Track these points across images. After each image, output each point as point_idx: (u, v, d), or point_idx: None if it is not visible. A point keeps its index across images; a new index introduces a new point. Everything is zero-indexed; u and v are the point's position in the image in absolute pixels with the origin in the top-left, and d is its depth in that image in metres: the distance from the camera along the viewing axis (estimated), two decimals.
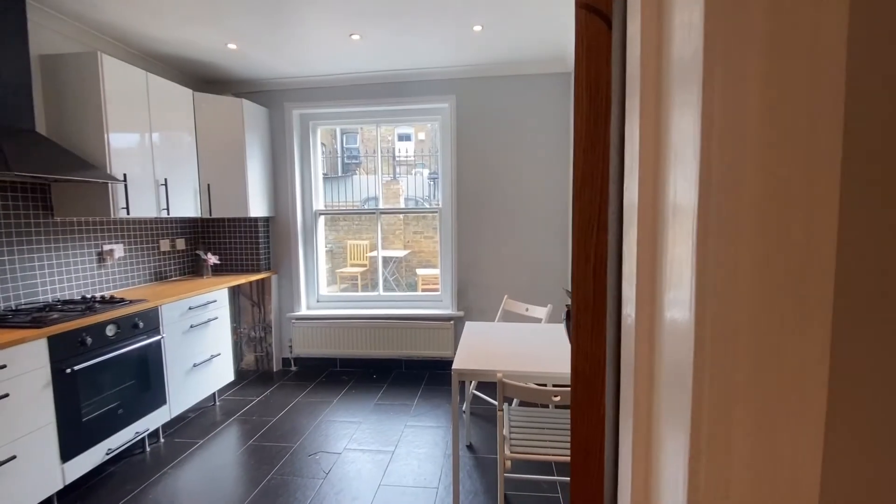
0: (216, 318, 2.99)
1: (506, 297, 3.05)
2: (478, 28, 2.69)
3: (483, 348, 2.00)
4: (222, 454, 2.44)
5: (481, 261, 3.58)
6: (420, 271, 6.56)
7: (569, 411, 1.94)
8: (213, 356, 2.95)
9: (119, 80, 2.46)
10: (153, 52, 3.00)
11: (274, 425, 2.77)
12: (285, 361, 3.86)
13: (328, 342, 3.71)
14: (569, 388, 1.61)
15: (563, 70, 3.33)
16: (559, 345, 2.04)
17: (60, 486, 1.90)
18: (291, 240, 3.77)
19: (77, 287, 2.59)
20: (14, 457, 1.69)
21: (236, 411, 2.99)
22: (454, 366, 1.75)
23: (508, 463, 1.61)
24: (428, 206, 7.28)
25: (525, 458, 1.65)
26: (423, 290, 6.19)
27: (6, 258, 2.21)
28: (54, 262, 2.46)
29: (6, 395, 1.66)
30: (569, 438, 1.77)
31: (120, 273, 2.89)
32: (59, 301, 2.39)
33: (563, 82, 3.36)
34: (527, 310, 2.92)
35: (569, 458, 1.66)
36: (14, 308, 2.20)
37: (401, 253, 7.15)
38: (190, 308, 2.74)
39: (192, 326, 2.75)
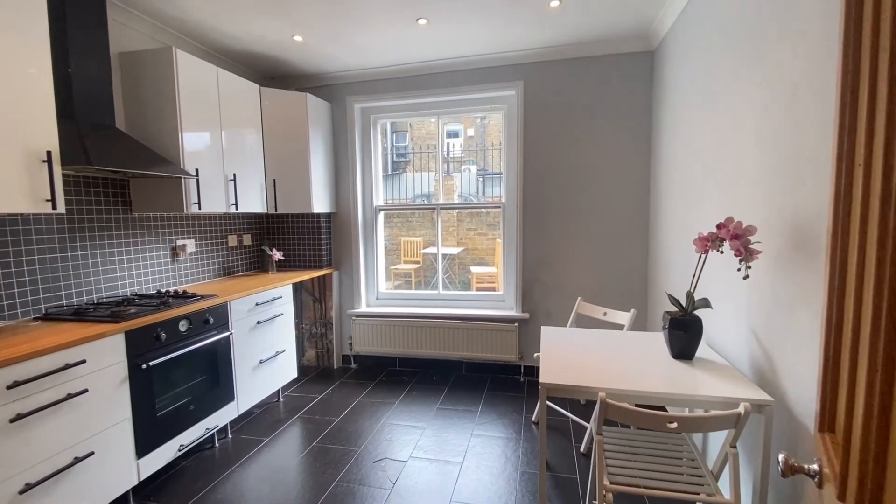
0: (281, 315, 2.97)
1: (579, 299, 2.79)
2: (555, 3, 2.45)
3: (570, 358, 1.78)
4: (287, 455, 2.39)
5: (549, 260, 3.33)
6: (474, 269, 6.37)
7: (672, 436, 1.67)
8: (277, 353, 2.93)
9: (192, 75, 2.46)
10: (223, 48, 3.01)
11: (337, 426, 2.70)
12: (345, 359, 3.82)
13: (387, 340, 3.62)
14: (685, 414, 1.36)
15: (644, 49, 3.00)
16: (658, 356, 1.77)
17: (135, 482, 1.91)
18: (352, 236, 3.71)
19: (153, 281, 2.64)
20: (92, 453, 1.69)
21: (300, 409, 2.95)
22: (542, 379, 1.54)
23: (609, 496, 1.39)
24: (477, 202, 7.09)
25: (627, 490, 1.41)
26: (478, 289, 6.02)
27: (88, 252, 2.27)
28: (132, 256, 2.51)
29: (85, 391, 1.66)
30: (675, 468, 1.51)
31: (191, 268, 2.93)
32: (136, 295, 2.43)
33: (645, 63, 3.02)
34: (605, 314, 2.65)
35: (676, 494, 1.40)
36: (96, 301, 2.26)
37: (455, 250, 7.02)
38: (257, 304, 2.72)
39: (258, 322, 2.73)
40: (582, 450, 2.36)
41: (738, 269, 1.42)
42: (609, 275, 3.22)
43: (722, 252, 1.48)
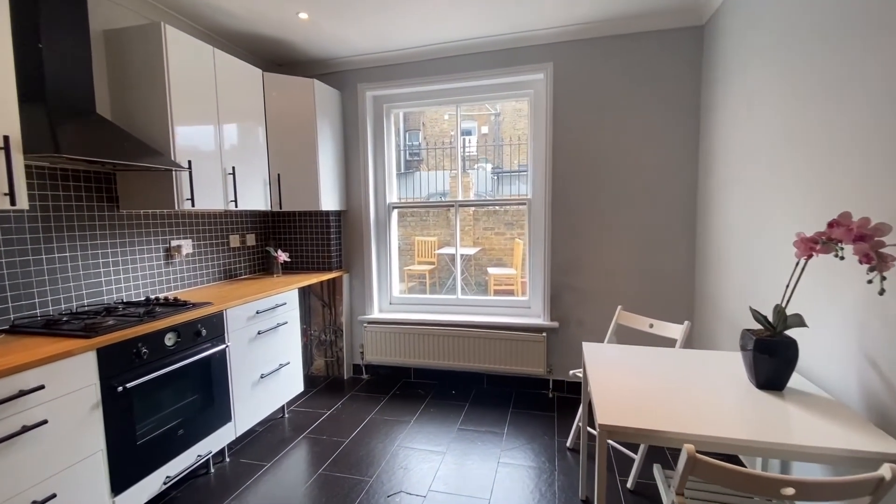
0: (286, 323, 2.69)
1: (619, 308, 2.45)
2: None
3: (626, 386, 1.45)
4: (290, 484, 2.10)
5: (580, 262, 2.99)
6: (492, 270, 6.05)
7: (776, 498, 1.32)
8: (281, 365, 2.65)
9: (184, 55, 2.19)
10: (221, 29, 2.74)
11: (346, 449, 2.41)
12: (356, 368, 3.54)
13: (402, 350, 3.32)
14: (807, 478, 1.02)
15: (692, 23, 2.64)
16: (736, 384, 1.43)
17: None
18: (364, 236, 3.42)
19: (143, 286, 2.38)
20: (54, 495, 1.42)
21: (306, 427, 2.67)
22: (600, 419, 1.22)
23: None
24: (499, 199, 6.77)
25: None
26: (495, 291, 5.69)
27: (68, 254, 2.01)
28: (120, 258, 2.26)
29: (44, 422, 1.38)
30: None
31: (188, 271, 2.67)
32: (121, 303, 2.17)
33: (693, 39, 2.66)
34: (651, 326, 2.30)
35: None
36: (74, 311, 2.00)
37: (471, 250, 6.71)
38: (258, 312, 2.45)
39: (259, 333, 2.46)
40: (629, 486, 2.03)
41: (869, 282, 1.07)
42: (649, 280, 2.87)
43: (842, 257, 1.14)
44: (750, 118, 2.04)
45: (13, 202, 1.47)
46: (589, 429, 2.27)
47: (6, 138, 1.45)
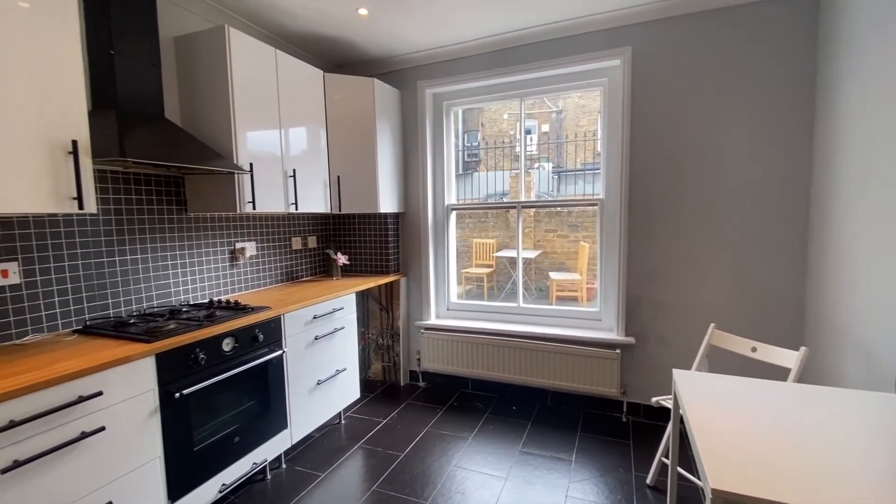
0: (343, 328, 2.63)
1: (712, 326, 2.10)
2: None
3: (741, 436, 1.17)
4: (344, 499, 2.01)
5: (662, 271, 2.65)
6: (554, 275, 5.72)
7: None
8: (338, 371, 2.59)
9: (247, 56, 2.18)
10: (282, 31, 2.74)
11: (401, 464, 2.29)
12: (413, 375, 3.43)
13: (459, 359, 3.16)
14: None
15: None
16: (891, 438, 1.10)
17: None
18: (421, 238, 3.31)
19: (209, 288, 2.42)
20: (110, 503, 1.41)
21: (362, 435, 2.59)
22: (714, 483, 0.96)
23: None
24: (563, 199, 6.42)
25: None
26: (558, 297, 5.37)
27: (139, 256, 2.07)
28: (187, 260, 2.30)
29: (101, 429, 1.38)
30: None
31: (251, 273, 2.70)
32: (185, 305, 2.21)
33: (806, 13, 2.24)
34: (754, 350, 1.94)
35: None
36: (143, 312, 2.05)
37: (532, 253, 6.41)
38: (315, 317, 2.40)
39: (316, 338, 2.41)
40: None
41: None
42: (747, 295, 2.46)
43: None
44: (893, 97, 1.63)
45: (81, 206, 1.48)
46: (680, 469, 1.95)
47: (74, 143, 1.47)
